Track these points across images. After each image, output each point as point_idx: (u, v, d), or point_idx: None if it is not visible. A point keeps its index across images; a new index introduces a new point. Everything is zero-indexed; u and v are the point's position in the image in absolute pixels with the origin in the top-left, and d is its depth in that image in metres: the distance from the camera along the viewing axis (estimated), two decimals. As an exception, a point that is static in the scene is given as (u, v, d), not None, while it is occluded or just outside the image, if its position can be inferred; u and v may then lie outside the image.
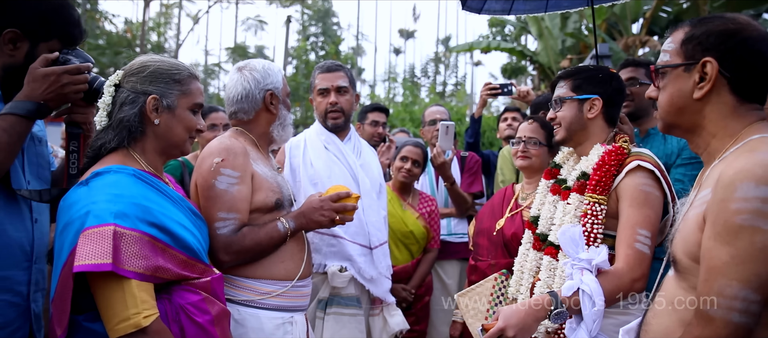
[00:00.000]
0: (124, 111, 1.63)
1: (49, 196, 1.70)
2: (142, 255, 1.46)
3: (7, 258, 1.59)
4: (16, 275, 1.62)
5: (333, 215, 2.08)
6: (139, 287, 1.46)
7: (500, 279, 2.41)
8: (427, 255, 3.34)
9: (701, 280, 1.18)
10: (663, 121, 1.41)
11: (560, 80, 2.11)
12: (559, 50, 13.85)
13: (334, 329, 2.54)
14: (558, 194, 2.07)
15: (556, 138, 2.10)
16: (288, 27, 26.80)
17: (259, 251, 1.99)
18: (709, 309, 1.15)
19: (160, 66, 1.69)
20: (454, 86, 36.21)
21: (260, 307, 1.99)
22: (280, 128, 2.18)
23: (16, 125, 1.55)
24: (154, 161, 1.72)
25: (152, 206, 1.55)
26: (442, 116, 3.85)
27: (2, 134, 1.52)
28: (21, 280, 1.63)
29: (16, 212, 1.64)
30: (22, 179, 1.67)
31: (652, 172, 1.84)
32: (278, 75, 2.18)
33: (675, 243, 1.31)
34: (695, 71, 1.30)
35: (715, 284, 1.14)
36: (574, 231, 1.86)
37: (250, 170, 2.02)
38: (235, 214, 1.95)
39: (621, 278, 1.75)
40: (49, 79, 1.59)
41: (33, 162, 1.75)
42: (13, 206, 1.63)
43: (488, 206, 2.90)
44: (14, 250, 1.62)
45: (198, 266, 1.63)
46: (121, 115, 1.64)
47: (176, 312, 1.53)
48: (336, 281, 2.55)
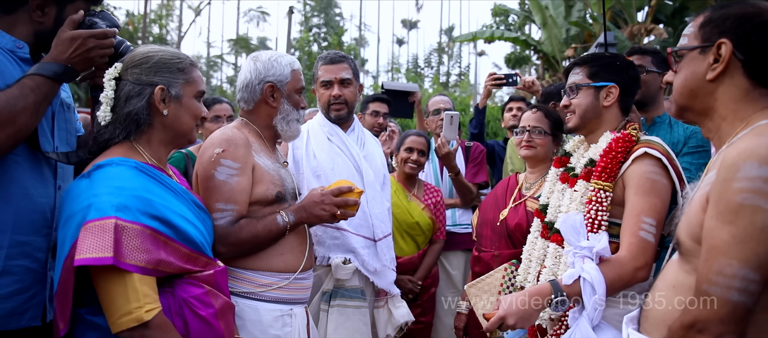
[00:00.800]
0: (131, 104, 1.62)
1: (77, 158, 1.70)
2: (143, 249, 1.45)
3: (29, 223, 1.59)
4: (36, 240, 1.61)
5: (334, 210, 2.06)
6: (141, 281, 1.45)
7: (510, 270, 2.39)
8: (433, 246, 3.32)
9: (702, 260, 1.18)
10: (676, 104, 1.41)
11: (575, 67, 2.08)
12: (563, 39, 13.75)
13: (339, 321, 2.52)
14: (566, 182, 2.06)
15: (568, 125, 2.08)
16: (290, 18, 26.73)
17: (256, 244, 1.97)
18: (708, 288, 1.14)
19: (162, 56, 1.68)
20: (458, 77, 36.08)
21: (259, 299, 1.98)
22: (284, 123, 2.14)
23: (42, 86, 1.55)
24: (159, 152, 1.70)
25: (154, 199, 1.54)
26: (446, 106, 3.81)
27: (29, 94, 1.52)
28: (40, 246, 1.62)
29: (40, 177, 1.64)
30: (50, 142, 1.67)
31: (659, 160, 1.82)
32: (285, 68, 2.14)
33: (680, 226, 1.31)
34: (710, 53, 1.31)
35: (715, 263, 1.14)
36: (575, 219, 1.84)
37: (251, 161, 2.00)
38: (233, 205, 1.93)
39: (623, 266, 1.74)
40: (76, 42, 1.60)
41: (62, 128, 1.75)
42: (37, 170, 1.63)
43: (491, 196, 2.88)
44: (36, 215, 1.61)
45: (201, 259, 1.62)
46: (129, 108, 1.62)
47: (179, 305, 1.53)
48: (340, 273, 2.54)
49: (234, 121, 2.20)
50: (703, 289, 1.16)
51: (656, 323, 1.32)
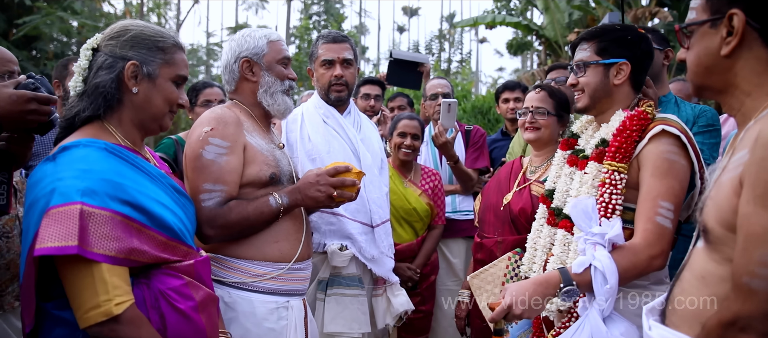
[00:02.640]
0: (100, 76, 1.51)
1: None
2: (113, 236, 1.33)
3: None
4: None
5: (330, 191, 1.93)
6: (111, 271, 1.33)
7: (514, 259, 2.27)
8: (432, 232, 3.22)
9: (739, 250, 1.06)
10: (693, 83, 1.30)
11: (583, 41, 1.92)
12: (566, 24, 13.58)
13: (336, 311, 2.45)
14: (575, 165, 1.92)
15: (577, 105, 1.93)
16: (289, 5, 26.48)
17: (247, 227, 1.87)
18: (749, 281, 1.02)
19: (143, 31, 1.57)
20: (459, 63, 35.83)
21: (253, 290, 1.89)
22: (267, 96, 2.04)
23: None
24: (132, 134, 1.58)
25: (126, 183, 1.41)
26: (444, 90, 3.66)
27: None
28: None
29: None
30: None
31: (678, 138, 1.68)
32: (259, 41, 2.05)
33: (706, 211, 1.18)
34: (722, 26, 1.19)
35: (756, 252, 1.02)
36: (587, 203, 1.72)
37: (242, 140, 1.90)
38: (221, 186, 1.84)
39: (637, 254, 1.61)
40: (15, 99, 1.52)
41: None
42: None
43: (494, 180, 2.75)
44: None
45: (180, 247, 1.50)
46: (97, 80, 1.51)
47: (155, 298, 1.40)
48: (336, 260, 2.46)
49: (226, 102, 2.12)
50: (744, 283, 1.03)
51: (686, 317, 1.20)
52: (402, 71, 3.81)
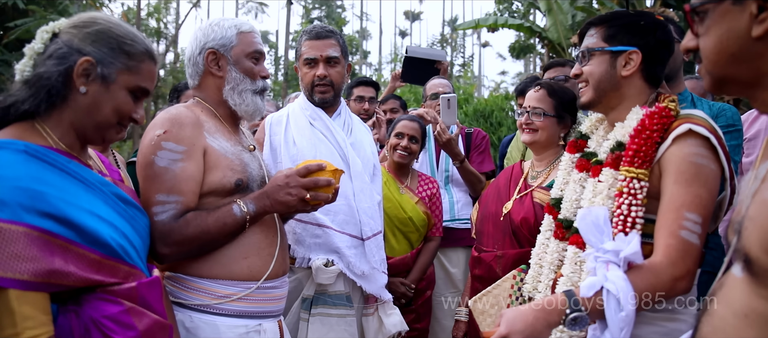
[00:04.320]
0: (46, 65, 1.31)
1: None
2: (26, 256, 1.11)
3: None
4: None
5: (302, 194, 1.69)
6: (21, 299, 1.11)
7: (520, 277, 2.03)
8: (429, 244, 3.00)
9: None
10: (712, 75, 1.04)
11: (591, 27, 1.70)
12: (569, 26, 13.41)
13: (321, 332, 2.25)
14: (586, 171, 1.69)
15: (581, 100, 1.70)
16: (289, 9, 26.38)
17: (207, 242, 1.64)
18: None
19: (111, 28, 1.38)
20: (461, 67, 35.71)
21: (218, 313, 1.68)
22: (234, 94, 1.81)
23: None
24: (69, 137, 1.37)
25: (48, 191, 1.20)
26: (445, 89, 3.48)
27: None
28: None
29: None
30: None
31: (706, 139, 1.44)
32: (228, 32, 1.82)
33: (747, 236, 0.92)
34: (750, 1, 0.94)
35: None
36: (598, 214, 1.48)
37: (202, 143, 1.69)
38: (176, 196, 1.62)
39: (658, 275, 1.37)
40: None
41: None
42: None
43: (493, 187, 2.51)
44: None
45: (120, 267, 1.28)
46: (42, 70, 1.32)
47: (86, 328, 1.18)
48: (321, 277, 2.25)
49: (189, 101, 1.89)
50: None
51: None
52: (418, 69, 3.62)
